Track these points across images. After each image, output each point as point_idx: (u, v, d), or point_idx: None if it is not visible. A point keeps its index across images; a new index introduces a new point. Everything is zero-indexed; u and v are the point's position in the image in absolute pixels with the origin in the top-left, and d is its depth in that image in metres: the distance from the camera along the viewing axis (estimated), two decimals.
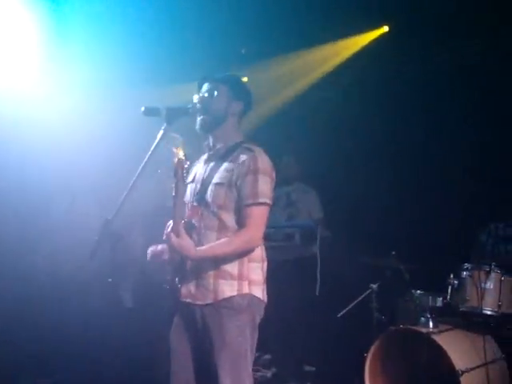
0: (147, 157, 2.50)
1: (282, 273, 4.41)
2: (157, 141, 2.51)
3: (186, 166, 2.44)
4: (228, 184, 2.56)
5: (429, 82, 4.67)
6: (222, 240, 2.54)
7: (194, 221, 2.62)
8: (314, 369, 4.80)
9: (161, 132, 2.51)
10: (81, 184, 4.39)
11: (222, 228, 2.57)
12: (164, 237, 2.58)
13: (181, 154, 2.44)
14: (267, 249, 2.72)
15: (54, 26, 4.32)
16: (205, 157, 2.80)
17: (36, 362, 4.48)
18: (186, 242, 2.47)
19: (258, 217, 2.54)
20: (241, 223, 2.56)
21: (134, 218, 3.76)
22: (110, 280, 2.39)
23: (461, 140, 4.44)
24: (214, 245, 2.54)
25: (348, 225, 4.83)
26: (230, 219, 2.58)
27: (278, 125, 5.41)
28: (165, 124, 2.51)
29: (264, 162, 2.58)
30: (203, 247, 2.52)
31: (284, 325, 4.67)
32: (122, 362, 3.85)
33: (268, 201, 2.56)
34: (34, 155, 4.27)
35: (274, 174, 2.62)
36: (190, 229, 2.57)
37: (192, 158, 2.92)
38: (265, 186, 2.54)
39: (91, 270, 3.32)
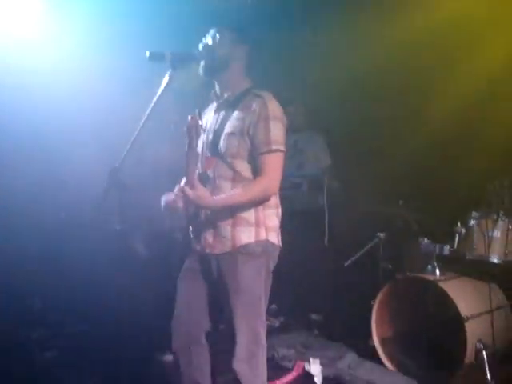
0: (153, 103, 2.47)
1: (291, 224, 4.42)
2: (162, 87, 2.48)
3: (200, 122, 2.42)
4: (240, 133, 2.54)
5: None
6: (239, 189, 2.55)
7: (208, 172, 2.62)
8: (321, 317, 4.87)
9: (166, 77, 2.48)
10: (83, 132, 4.35)
11: (237, 178, 2.58)
12: (177, 191, 2.58)
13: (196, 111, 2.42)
14: None
15: None
16: (214, 106, 2.78)
17: (49, 314, 4.58)
18: (203, 193, 2.47)
19: (274, 164, 2.53)
20: (256, 172, 2.56)
21: (144, 170, 3.75)
22: (117, 228, 2.39)
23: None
24: (231, 194, 2.55)
25: (356, 174, 4.79)
26: (244, 168, 2.58)
27: (284, 72, 5.30)
28: (170, 69, 2.48)
29: (274, 107, 2.56)
30: (220, 196, 2.53)
31: (291, 275, 4.71)
32: (136, 313, 3.90)
33: (282, 147, 2.55)
34: (36, 102, 4.20)
35: (285, 119, 2.60)
36: (204, 180, 2.57)
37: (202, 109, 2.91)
38: (277, 133, 2.53)
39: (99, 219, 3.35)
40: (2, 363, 3.76)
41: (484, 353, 3.30)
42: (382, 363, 3.73)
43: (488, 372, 3.23)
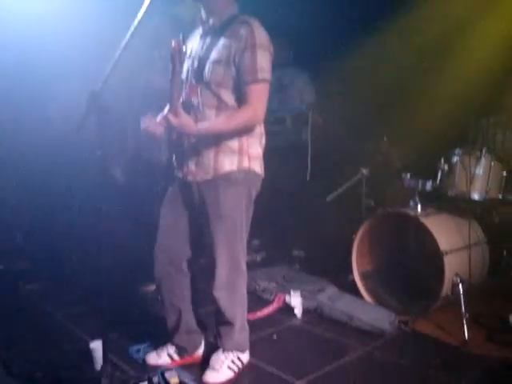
0: (134, 25, 2.36)
1: (274, 157, 4.40)
2: (144, 8, 2.37)
3: (183, 48, 2.35)
4: (226, 61, 2.49)
5: None
6: (224, 116, 2.53)
7: (192, 99, 2.57)
8: (302, 253, 4.92)
9: None
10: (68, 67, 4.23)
11: (221, 106, 2.54)
12: (160, 118, 2.53)
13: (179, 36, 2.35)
14: None
15: None
16: (199, 31, 2.69)
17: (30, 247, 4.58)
18: (186, 120, 2.45)
19: (259, 94, 2.50)
20: (241, 101, 2.53)
21: (126, 96, 3.67)
22: (98, 153, 2.34)
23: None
24: (215, 121, 2.53)
25: (340, 110, 4.74)
26: (228, 97, 2.54)
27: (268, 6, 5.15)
28: None
29: (261, 35, 2.50)
30: (204, 124, 2.50)
31: (274, 210, 4.73)
32: (117, 242, 3.89)
33: (268, 77, 2.51)
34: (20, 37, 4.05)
35: (271, 49, 2.55)
36: (188, 108, 2.55)
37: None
38: (264, 62, 2.48)
39: (79, 144, 3.29)
40: None
41: (460, 286, 3.36)
42: (361, 296, 3.79)
43: (463, 305, 3.30)
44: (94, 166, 2.34)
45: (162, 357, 2.88)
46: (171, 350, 2.91)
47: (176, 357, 2.90)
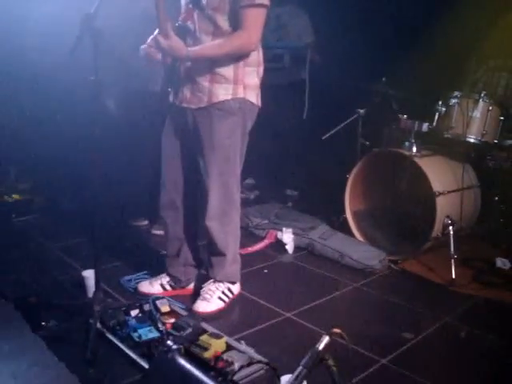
0: None
1: (271, 95, 4.34)
2: None
3: None
4: None
5: None
6: (216, 41, 2.47)
7: (189, 24, 2.51)
8: (296, 193, 4.94)
9: None
10: None
11: (217, 31, 2.48)
12: (150, 40, 2.48)
13: None
14: None
15: None
16: None
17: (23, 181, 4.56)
18: (176, 43, 2.40)
19: (255, 19, 2.44)
20: (236, 26, 2.46)
21: (120, 20, 3.55)
22: (91, 78, 2.29)
23: None
24: (208, 45, 2.47)
25: (339, 49, 4.64)
26: (225, 22, 2.48)
27: None
28: None
29: None
30: (195, 47, 2.45)
31: (269, 149, 4.70)
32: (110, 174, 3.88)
33: (266, 2, 2.45)
34: None
35: None
36: (184, 32, 2.50)
37: None
38: None
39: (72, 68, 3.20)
40: None
41: (451, 228, 3.40)
42: (353, 235, 3.83)
43: (452, 246, 3.35)
44: (88, 92, 2.31)
45: (154, 286, 2.92)
46: (164, 280, 2.95)
47: (168, 287, 2.94)
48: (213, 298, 2.75)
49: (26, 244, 3.65)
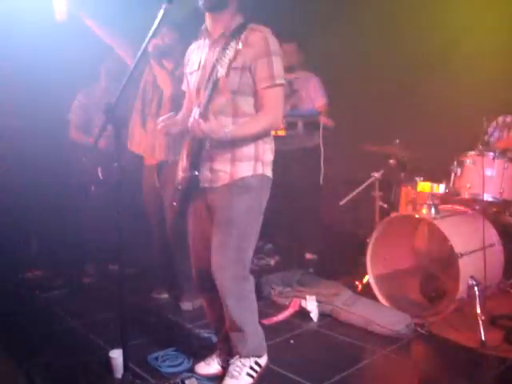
0: (148, 38, 2.40)
1: (286, 162, 4.42)
2: (158, 21, 2.41)
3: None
4: (241, 68, 2.53)
5: None
6: (249, 121, 2.58)
7: (207, 108, 2.59)
8: (316, 257, 4.94)
9: (161, 11, 2.41)
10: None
11: (237, 113, 2.59)
12: (189, 123, 2.53)
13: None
14: None
15: None
16: (206, 42, 2.72)
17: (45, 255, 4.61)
18: (215, 125, 2.48)
19: (277, 98, 2.57)
20: (259, 106, 2.57)
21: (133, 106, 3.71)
22: (115, 165, 2.37)
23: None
24: (242, 126, 2.57)
25: (351, 113, 4.75)
26: (244, 103, 2.59)
27: (280, 9, 5.18)
28: (165, 3, 2.41)
29: (274, 42, 2.56)
30: (230, 129, 2.53)
31: (287, 214, 4.74)
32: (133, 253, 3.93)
33: (283, 81, 2.58)
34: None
35: (282, 54, 2.60)
36: (204, 116, 2.55)
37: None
38: (279, 67, 2.55)
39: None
40: (2, 305, 3.82)
41: (476, 289, 3.37)
42: (377, 299, 3.80)
43: (479, 307, 3.30)
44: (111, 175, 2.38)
45: (212, 366, 2.93)
46: (219, 359, 2.95)
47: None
48: (241, 375, 2.73)
49: (51, 322, 3.66)
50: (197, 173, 2.63)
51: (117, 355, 2.77)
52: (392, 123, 4.46)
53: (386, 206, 4.18)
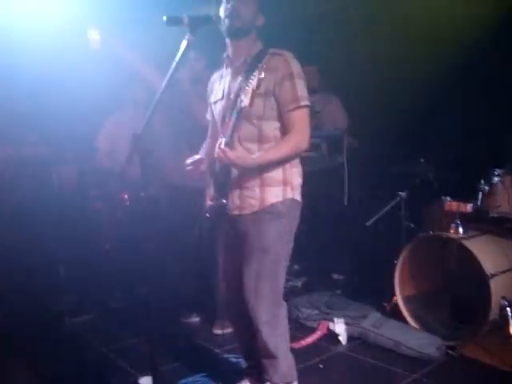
0: (172, 69, 2.43)
1: (310, 183, 4.41)
2: (181, 52, 2.44)
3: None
4: (265, 93, 2.56)
5: None
6: (276, 144, 2.59)
7: (230, 134, 2.61)
8: (343, 277, 4.90)
9: (184, 42, 2.45)
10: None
11: (262, 139, 2.61)
12: (216, 154, 2.54)
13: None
14: None
15: None
16: (228, 70, 2.75)
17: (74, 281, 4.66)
18: (243, 153, 2.50)
19: (304, 119, 2.59)
20: (286, 129, 2.59)
21: (163, 135, 3.75)
22: (142, 194, 2.40)
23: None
24: (268, 150, 2.58)
25: (375, 132, 4.73)
26: (269, 128, 2.61)
27: (299, 33, 5.22)
28: (188, 33, 2.45)
29: (296, 64, 2.60)
30: (258, 154, 2.55)
31: (313, 235, 4.73)
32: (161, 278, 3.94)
33: (308, 102, 2.60)
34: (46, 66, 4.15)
35: (304, 76, 2.63)
36: (229, 144, 2.57)
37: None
38: (303, 89, 2.58)
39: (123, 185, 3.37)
40: (31, 330, 3.87)
41: (508, 309, 3.30)
42: (405, 321, 3.75)
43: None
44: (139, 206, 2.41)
45: None
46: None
47: None
48: None
49: (80, 348, 3.70)
50: (224, 201, 2.64)
51: (146, 382, 2.77)
52: (417, 141, 4.43)
53: (412, 225, 4.13)
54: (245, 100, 2.47)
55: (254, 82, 2.47)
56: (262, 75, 2.48)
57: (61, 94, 4.40)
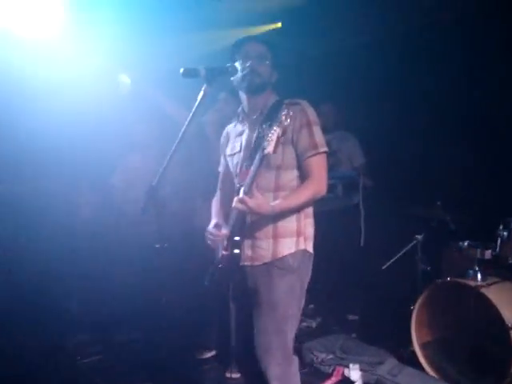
0: (189, 120, 2.44)
1: (326, 223, 4.37)
2: (198, 102, 2.45)
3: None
4: (284, 142, 2.54)
5: None
6: (294, 191, 2.58)
7: (247, 183, 2.60)
8: (358, 318, 4.83)
9: (201, 93, 2.46)
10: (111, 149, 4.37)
11: (278, 188, 2.60)
12: (235, 203, 2.49)
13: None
14: None
15: None
16: (245, 124, 2.77)
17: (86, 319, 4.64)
18: (262, 200, 2.47)
19: (322, 166, 2.60)
20: (304, 175, 2.60)
21: (176, 186, 3.75)
22: (157, 246, 2.38)
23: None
24: (287, 198, 2.57)
25: (391, 173, 4.71)
26: (287, 178, 2.61)
27: (316, 72, 5.25)
28: (205, 85, 2.46)
29: (313, 112, 2.63)
30: (276, 202, 2.54)
31: (328, 275, 4.67)
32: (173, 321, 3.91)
33: (326, 149, 2.61)
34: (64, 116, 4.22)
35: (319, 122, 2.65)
36: (246, 193, 2.56)
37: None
38: (320, 135, 2.61)
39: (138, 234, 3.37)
40: (43, 368, 3.84)
41: None
42: (422, 369, 3.67)
43: None
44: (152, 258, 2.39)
45: None
46: None
47: None
48: None
49: None
50: (238, 251, 2.60)
51: None
52: (433, 184, 4.39)
53: (429, 268, 4.06)
54: (268, 147, 2.40)
55: (278, 130, 2.42)
56: (288, 122, 2.45)
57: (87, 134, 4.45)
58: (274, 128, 2.42)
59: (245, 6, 4.61)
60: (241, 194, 2.49)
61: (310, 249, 2.66)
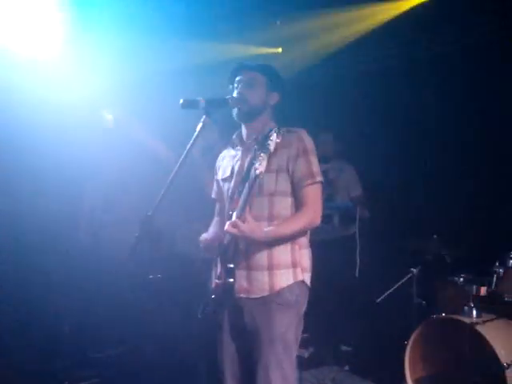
0: (187, 150, 2.43)
1: (321, 253, 4.34)
2: (196, 133, 2.45)
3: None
4: (278, 169, 2.55)
5: None
6: (289, 219, 2.56)
7: (238, 211, 2.57)
8: (350, 349, 4.77)
9: (200, 124, 2.46)
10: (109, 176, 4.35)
11: (272, 216, 2.56)
12: (227, 227, 2.45)
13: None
14: None
15: (78, 8, 4.24)
16: (238, 148, 2.76)
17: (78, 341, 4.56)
18: (254, 225, 2.44)
19: (317, 195, 2.59)
20: (299, 204, 2.57)
21: (174, 213, 3.72)
22: (150, 277, 2.35)
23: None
24: (281, 224, 2.54)
25: (388, 207, 4.70)
26: (281, 206, 2.58)
27: (314, 100, 5.27)
28: (204, 116, 2.46)
29: (310, 141, 2.62)
30: (269, 228, 2.51)
31: (322, 305, 4.63)
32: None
33: (321, 179, 2.61)
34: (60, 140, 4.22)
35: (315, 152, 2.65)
36: (238, 217, 2.53)
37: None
38: (316, 165, 2.60)
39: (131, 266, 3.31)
40: None
41: None
42: None
43: None
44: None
45: None
46: None
47: None
48: None
49: None
50: (232, 280, 2.55)
51: None
52: (429, 218, 4.38)
53: (424, 302, 4.03)
54: (259, 167, 2.35)
55: (266, 159, 2.36)
56: (276, 152, 2.45)
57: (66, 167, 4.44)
58: (266, 146, 2.38)
59: None
60: (233, 218, 2.46)
61: (308, 281, 2.62)
